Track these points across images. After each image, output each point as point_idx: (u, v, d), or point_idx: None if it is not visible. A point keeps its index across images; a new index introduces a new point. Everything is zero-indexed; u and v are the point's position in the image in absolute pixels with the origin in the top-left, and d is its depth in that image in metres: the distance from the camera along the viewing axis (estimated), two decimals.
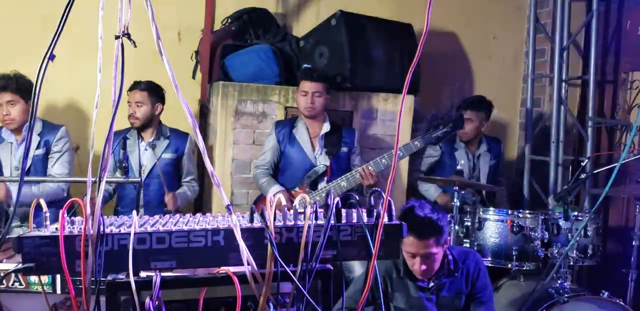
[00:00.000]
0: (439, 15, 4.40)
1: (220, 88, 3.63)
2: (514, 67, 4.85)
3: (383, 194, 1.21)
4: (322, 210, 1.24)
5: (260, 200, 3.43)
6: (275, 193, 3.24)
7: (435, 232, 2.14)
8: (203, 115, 3.88)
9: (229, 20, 3.90)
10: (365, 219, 1.22)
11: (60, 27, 1.16)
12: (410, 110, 3.95)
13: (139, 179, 2.44)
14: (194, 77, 3.91)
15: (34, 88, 1.16)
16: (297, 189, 3.27)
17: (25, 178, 2.69)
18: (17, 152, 3.07)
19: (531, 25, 4.64)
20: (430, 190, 3.81)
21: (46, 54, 1.16)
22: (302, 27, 4.13)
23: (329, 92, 3.37)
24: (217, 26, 3.94)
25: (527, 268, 3.08)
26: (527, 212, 3.09)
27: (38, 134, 3.11)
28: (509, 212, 3.11)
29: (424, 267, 2.18)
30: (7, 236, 1.26)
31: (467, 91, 4.64)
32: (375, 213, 1.23)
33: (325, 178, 3.32)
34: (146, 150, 3.32)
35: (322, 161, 3.35)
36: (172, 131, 3.44)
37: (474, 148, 3.92)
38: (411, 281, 2.29)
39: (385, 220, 1.20)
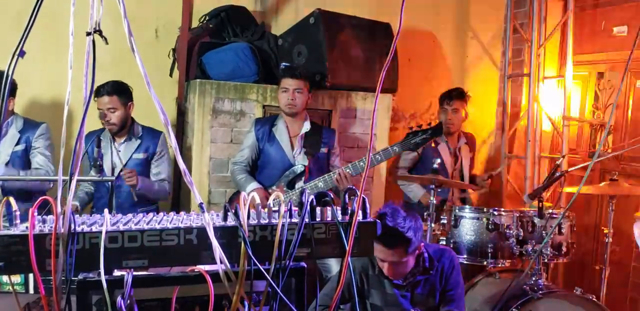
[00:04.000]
0: (416, 15, 4.43)
1: (198, 86, 3.60)
2: (491, 66, 4.90)
3: (358, 192, 1.22)
4: (296, 208, 1.24)
5: (235, 197, 3.41)
6: (250, 191, 3.23)
7: (402, 242, 2.13)
8: (181, 114, 3.85)
9: (207, 18, 3.88)
10: (339, 217, 1.23)
11: (31, 23, 1.14)
12: (389, 109, 3.97)
13: (113, 178, 2.41)
14: (171, 75, 3.88)
15: (2, 84, 1.14)
16: (274, 188, 3.26)
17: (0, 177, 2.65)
18: None
19: (508, 24, 4.70)
20: (414, 191, 3.82)
21: (16, 49, 1.14)
22: (280, 25, 4.12)
23: (310, 90, 3.37)
24: (195, 23, 3.91)
25: (502, 265, 3.12)
26: (502, 209, 3.13)
27: (19, 131, 3.08)
28: (485, 209, 3.14)
29: (392, 271, 2.21)
30: None
31: (445, 90, 4.67)
32: (349, 211, 1.23)
33: (303, 178, 3.31)
34: (119, 150, 3.26)
35: (301, 161, 3.34)
36: (145, 130, 3.36)
37: (455, 141, 3.97)
38: (386, 278, 2.31)
39: (360, 217, 1.20)
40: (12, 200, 1.12)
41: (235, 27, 3.86)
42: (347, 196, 1.25)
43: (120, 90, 3.19)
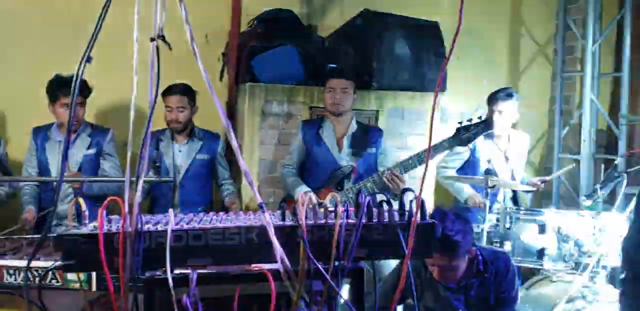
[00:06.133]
0: (465, 12, 4.35)
1: (247, 89, 3.67)
2: (543, 64, 4.77)
3: (415, 193, 1.21)
4: (352, 209, 1.25)
5: (287, 199, 3.45)
6: (301, 193, 3.25)
7: (450, 246, 2.11)
8: (230, 117, 3.93)
9: (255, 22, 3.93)
10: (397, 218, 1.22)
11: (97, 30, 1.19)
12: (438, 109, 3.93)
13: (173, 179, 2.48)
14: (221, 79, 3.96)
15: (72, 90, 1.19)
16: (322, 189, 3.27)
17: (66, 178, 2.77)
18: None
19: (560, 21, 4.56)
20: (462, 190, 3.75)
21: (83, 56, 1.19)
22: (327, 26, 4.14)
23: (355, 90, 3.37)
24: (244, 28, 3.97)
25: (559, 268, 3.04)
26: (558, 210, 3.05)
27: (88, 135, 3.26)
28: (540, 211, 3.06)
29: (441, 275, 2.18)
30: (48, 235, 1.29)
31: (495, 89, 4.58)
32: (407, 213, 1.23)
33: (352, 179, 3.31)
34: (180, 151, 3.37)
35: (349, 161, 3.34)
36: (204, 132, 3.48)
37: (504, 142, 3.88)
38: (440, 281, 2.28)
39: (418, 219, 1.20)
40: (81, 200, 1.17)
41: (282, 30, 3.90)
42: (404, 197, 1.25)
43: (189, 92, 3.31)
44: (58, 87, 3.10)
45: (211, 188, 3.52)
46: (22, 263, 1.92)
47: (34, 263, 1.73)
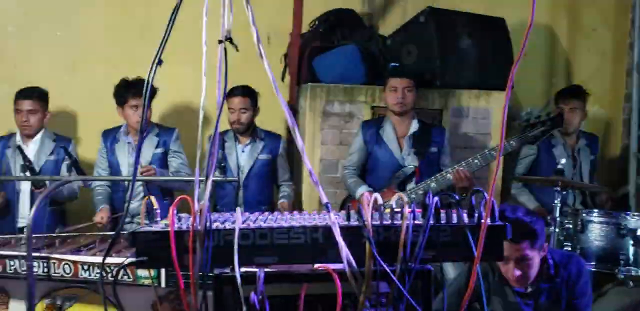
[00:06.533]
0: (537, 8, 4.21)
1: (309, 90, 3.69)
2: (615, 60, 4.54)
3: (485, 194, 1.17)
4: (419, 210, 1.22)
5: (348, 200, 3.44)
6: (360, 195, 3.24)
7: (527, 235, 2.04)
8: (291, 117, 3.95)
9: (317, 23, 3.95)
10: (466, 220, 1.19)
11: (168, 33, 1.22)
12: (505, 107, 3.81)
13: (237, 178, 2.54)
14: (282, 80, 4.00)
15: (144, 92, 1.23)
16: (384, 190, 3.24)
17: (138, 177, 2.89)
18: (134, 152, 3.32)
19: (636, 14, 4.33)
20: (525, 203, 3.61)
21: (155, 58, 1.22)
22: (388, 25, 4.11)
23: (417, 88, 3.32)
24: (305, 29, 4.00)
25: (636, 273, 2.88)
26: (636, 213, 2.89)
27: (155, 135, 3.39)
28: (615, 213, 2.92)
29: (518, 273, 2.08)
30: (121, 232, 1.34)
31: (563, 86, 4.41)
32: (476, 214, 1.19)
33: (414, 179, 3.26)
34: (243, 151, 3.45)
35: (411, 161, 3.29)
36: (266, 133, 3.54)
37: (573, 142, 3.72)
38: (508, 285, 2.21)
39: (488, 221, 1.16)
40: (153, 198, 1.20)
41: (344, 30, 3.91)
42: (473, 198, 1.21)
43: (251, 93, 3.39)
44: (126, 90, 3.23)
45: (272, 188, 3.59)
46: (96, 259, 2.01)
47: (107, 260, 1.80)
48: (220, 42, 1.17)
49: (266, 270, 1.15)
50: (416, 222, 1.17)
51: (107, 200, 3.34)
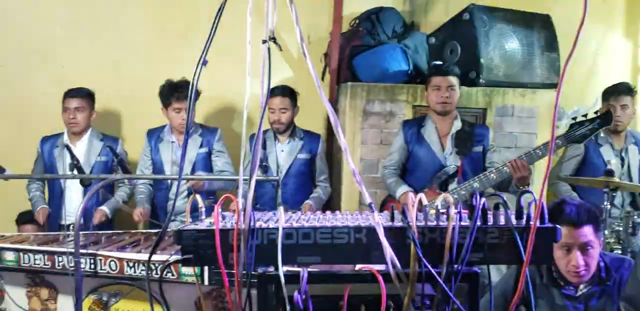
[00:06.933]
0: (581, 5, 4.08)
1: (349, 89, 3.68)
2: None
3: (534, 195, 1.14)
4: (465, 211, 1.20)
5: (388, 200, 3.41)
6: (400, 195, 3.21)
7: (591, 218, 1.99)
8: (334, 116, 3.94)
9: (357, 21, 3.93)
10: (514, 221, 1.16)
11: (212, 34, 1.23)
12: (551, 106, 3.71)
13: (278, 177, 2.54)
14: (322, 79, 3.99)
15: (189, 92, 1.24)
16: (426, 190, 3.20)
17: (183, 176, 2.94)
18: (178, 150, 3.40)
19: None
20: None
21: (200, 59, 1.23)
22: (430, 23, 4.06)
23: (460, 87, 3.27)
24: (345, 28, 3.98)
25: None
26: None
27: (199, 135, 3.45)
28: None
29: (582, 262, 2.00)
30: (168, 229, 1.36)
31: (612, 83, 4.26)
32: (525, 216, 1.16)
33: (456, 179, 3.20)
34: (282, 151, 3.47)
35: (453, 161, 3.24)
36: (305, 132, 3.55)
37: (620, 142, 3.58)
38: (556, 288, 2.14)
39: (537, 223, 1.12)
40: (198, 197, 1.21)
41: (385, 29, 3.88)
42: (521, 199, 1.18)
43: (291, 93, 3.41)
44: (170, 93, 3.28)
45: (311, 187, 3.57)
46: (141, 256, 2.05)
47: (152, 257, 1.83)
48: (264, 41, 1.17)
49: (311, 269, 1.15)
50: (462, 223, 1.15)
51: (148, 199, 3.41)
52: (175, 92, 3.26)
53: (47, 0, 3.96)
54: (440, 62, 3.53)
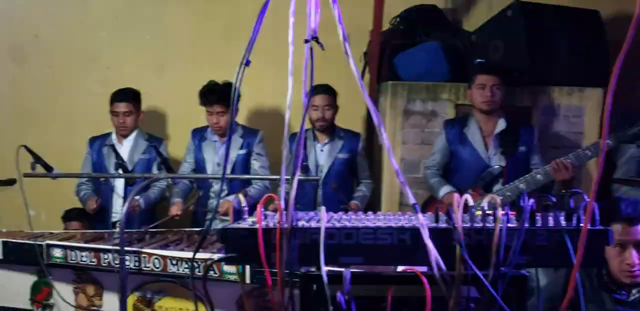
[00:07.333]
0: None
1: (390, 88, 3.64)
2: None
3: (585, 196, 1.10)
4: (512, 212, 1.17)
5: (430, 201, 3.36)
6: (443, 195, 3.16)
7: None
8: (377, 115, 3.92)
9: (398, 20, 3.90)
10: (563, 223, 1.12)
11: (255, 34, 1.23)
12: (599, 105, 3.59)
13: (319, 177, 2.55)
14: (362, 78, 3.96)
15: (232, 93, 1.24)
16: (470, 191, 3.14)
17: (226, 176, 2.98)
18: (219, 150, 3.45)
19: None
20: None
21: (243, 59, 1.23)
22: (473, 21, 3.99)
23: (504, 85, 3.20)
24: (386, 26, 3.95)
25: None
26: None
27: (240, 136, 3.48)
28: None
29: (637, 261, 1.89)
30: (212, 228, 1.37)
31: None
32: (575, 217, 1.12)
33: (501, 180, 3.13)
34: (322, 150, 3.46)
35: (497, 162, 3.17)
36: (345, 132, 3.55)
37: None
38: (607, 293, 2.06)
39: (588, 225, 1.08)
40: (241, 196, 1.22)
41: (426, 27, 3.83)
42: (571, 200, 1.14)
43: (333, 91, 3.43)
44: (211, 96, 3.32)
45: (352, 187, 3.56)
46: (184, 254, 2.09)
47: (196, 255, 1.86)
48: (306, 41, 1.17)
49: (354, 270, 1.14)
50: (510, 225, 1.12)
51: (184, 195, 3.45)
52: (214, 95, 3.30)
53: (93, 4, 4.08)
54: (484, 60, 3.46)
